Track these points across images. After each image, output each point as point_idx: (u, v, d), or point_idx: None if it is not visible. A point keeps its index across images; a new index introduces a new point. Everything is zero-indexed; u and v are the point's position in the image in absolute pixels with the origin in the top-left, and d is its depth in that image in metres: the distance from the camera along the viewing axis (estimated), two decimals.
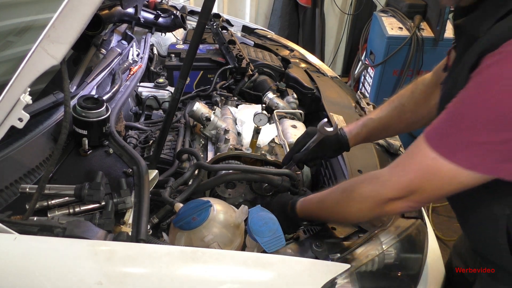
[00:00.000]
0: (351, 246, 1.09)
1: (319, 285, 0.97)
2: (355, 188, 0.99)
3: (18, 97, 0.90)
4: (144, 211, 1.08)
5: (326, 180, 1.54)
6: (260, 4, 4.20)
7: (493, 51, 0.76)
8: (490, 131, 0.76)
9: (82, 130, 1.34)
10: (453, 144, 0.81)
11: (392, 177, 0.92)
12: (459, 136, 0.80)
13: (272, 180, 1.35)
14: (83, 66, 1.68)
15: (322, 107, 1.79)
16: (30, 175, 1.17)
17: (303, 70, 2.13)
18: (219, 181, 1.35)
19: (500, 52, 0.76)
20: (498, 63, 0.76)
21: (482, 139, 0.78)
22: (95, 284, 0.91)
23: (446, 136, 0.82)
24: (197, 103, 1.63)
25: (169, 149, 1.55)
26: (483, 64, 0.78)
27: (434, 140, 0.84)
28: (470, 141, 0.79)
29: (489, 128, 0.77)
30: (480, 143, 0.78)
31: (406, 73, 3.12)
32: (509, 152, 0.77)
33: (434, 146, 0.83)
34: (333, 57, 4.51)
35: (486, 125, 0.77)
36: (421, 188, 0.87)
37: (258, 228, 1.05)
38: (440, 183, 0.84)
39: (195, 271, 0.97)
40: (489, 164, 0.78)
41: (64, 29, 0.88)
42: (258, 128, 1.50)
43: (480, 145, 0.78)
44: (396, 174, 0.91)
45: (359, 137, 1.33)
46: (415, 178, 0.87)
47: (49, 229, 0.98)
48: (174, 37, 2.46)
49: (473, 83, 0.79)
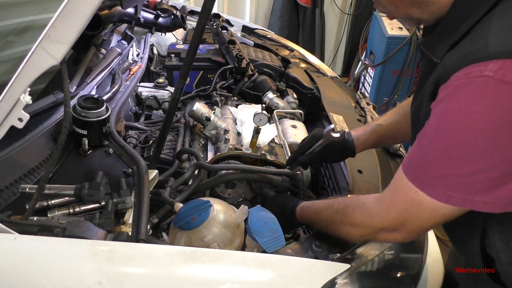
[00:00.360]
0: (351, 246, 1.09)
1: (319, 285, 0.97)
2: (348, 213, 1.00)
3: (18, 97, 0.90)
4: (144, 211, 1.08)
5: (326, 180, 1.54)
6: (260, 4, 4.20)
7: (445, 82, 0.77)
8: (455, 165, 0.77)
9: (82, 130, 1.34)
10: (426, 178, 0.82)
11: (380, 211, 0.92)
12: (430, 170, 0.81)
13: (272, 180, 1.35)
14: (83, 66, 1.68)
15: (322, 107, 1.79)
16: (30, 175, 1.17)
17: (303, 70, 2.13)
18: (219, 181, 1.35)
19: (448, 86, 0.76)
20: (449, 96, 0.76)
21: (449, 172, 0.78)
22: (95, 284, 0.91)
23: (419, 170, 0.83)
24: (197, 103, 1.63)
25: (169, 149, 1.55)
26: (438, 96, 0.79)
27: (410, 174, 0.85)
28: (440, 174, 0.80)
29: (453, 162, 0.77)
30: (448, 176, 0.78)
31: (406, 73, 3.12)
32: (477, 184, 0.76)
33: (411, 179, 0.84)
34: (333, 57, 4.51)
35: (451, 159, 0.77)
36: (409, 221, 0.88)
37: (258, 228, 1.05)
38: (425, 215, 0.85)
39: (195, 271, 0.97)
40: (462, 196, 0.78)
41: (64, 29, 0.88)
42: (258, 128, 1.50)
43: (449, 178, 0.78)
44: (383, 209, 0.92)
45: (366, 144, 1.32)
46: (403, 211, 0.87)
47: (49, 229, 0.98)
48: (174, 37, 2.46)
49: (433, 117, 0.80)
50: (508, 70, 0.69)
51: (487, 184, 0.76)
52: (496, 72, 0.69)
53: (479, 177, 0.76)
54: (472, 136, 0.74)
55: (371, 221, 0.94)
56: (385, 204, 0.91)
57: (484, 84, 0.71)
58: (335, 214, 1.05)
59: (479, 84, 0.71)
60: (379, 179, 1.37)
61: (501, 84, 0.69)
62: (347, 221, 1.00)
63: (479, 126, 0.72)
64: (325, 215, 1.08)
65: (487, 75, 0.70)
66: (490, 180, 0.75)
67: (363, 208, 0.97)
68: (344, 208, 1.02)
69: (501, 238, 0.89)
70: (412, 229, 0.89)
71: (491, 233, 0.90)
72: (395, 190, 0.90)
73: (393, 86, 3.25)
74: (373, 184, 1.35)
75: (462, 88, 0.74)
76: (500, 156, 0.73)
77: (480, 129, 0.72)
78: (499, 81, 0.69)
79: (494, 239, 0.90)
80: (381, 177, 1.38)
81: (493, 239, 0.90)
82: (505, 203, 0.77)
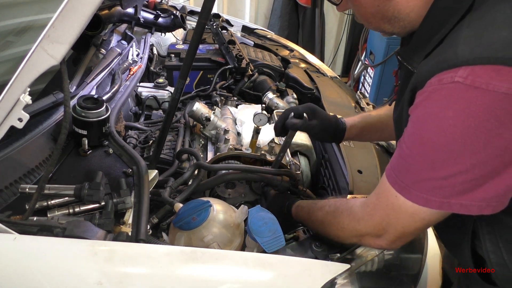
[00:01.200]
0: (350, 246, 1.09)
1: (319, 285, 0.97)
2: (336, 216, 1.02)
3: (18, 97, 0.90)
4: (144, 211, 1.08)
5: (326, 180, 1.54)
6: (260, 4, 4.20)
7: (421, 88, 0.79)
8: (431, 169, 0.79)
9: (82, 130, 1.34)
10: (405, 182, 0.84)
11: (364, 215, 0.94)
12: (409, 174, 0.83)
13: (271, 180, 1.35)
14: (83, 66, 1.68)
15: (322, 107, 1.79)
16: (30, 175, 1.17)
17: (303, 70, 2.13)
18: (219, 181, 1.35)
19: (423, 92, 0.78)
20: (423, 102, 0.78)
21: (425, 176, 0.80)
22: (95, 284, 0.91)
23: (399, 174, 0.85)
24: (197, 103, 1.63)
25: (169, 149, 1.55)
26: (415, 102, 0.81)
27: (391, 177, 0.87)
28: (418, 178, 0.82)
29: (429, 165, 0.79)
30: (425, 180, 0.81)
31: None
32: (453, 187, 0.78)
33: (391, 183, 0.86)
34: (333, 57, 4.51)
35: (427, 163, 0.80)
36: (390, 225, 0.89)
37: (258, 228, 1.06)
38: (406, 219, 0.87)
39: (195, 271, 0.97)
40: (439, 199, 0.80)
41: (64, 29, 0.88)
42: (258, 128, 1.50)
43: (426, 181, 0.81)
44: (367, 213, 0.94)
45: (354, 129, 1.33)
46: (384, 215, 0.89)
47: (49, 229, 0.98)
48: (174, 37, 2.47)
49: (410, 122, 0.83)
50: (476, 76, 0.71)
51: (463, 186, 0.78)
52: (465, 78, 0.72)
53: (454, 180, 0.78)
54: (445, 140, 0.76)
55: (356, 225, 0.96)
56: (369, 209, 0.94)
57: (455, 90, 0.73)
58: (325, 216, 1.07)
59: (450, 90, 0.74)
60: (379, 179, 1.37)
61: (470, 89, 0.72)
62: (335, 223, 1.02)
63: (451, 130, 0.75)
64: (317, 216, 1.10)
65: (458, 81, 0.72)
66: (465, 183, 0.77)
67: (350, 211, 0.99)
68: (334, 211, 1.04)
69: (491, 239, 0.91)
70: (394, 235, 0.91)
71: (481, 234, 0.92)
72: (378, 195, 0.92)
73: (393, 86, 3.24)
74: (373, 184, 1.34)
75: (434, 94, 0.76)
76: (473, 160, 0.75)
77: (453, 134, 0.75)
78: (469, 86, 0.72)
79: (484, 240, 0.91)
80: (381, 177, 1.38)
81: (483, 239, 0.92)
82: (480, 205, 0.79)
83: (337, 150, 1.52)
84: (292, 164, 1.47)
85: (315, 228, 1.14)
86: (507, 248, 0.89)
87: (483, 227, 0.91)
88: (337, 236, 1.04)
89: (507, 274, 0.91)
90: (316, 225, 1.12)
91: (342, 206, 1.03)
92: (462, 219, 0.91)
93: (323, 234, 1.10)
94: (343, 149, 1.47)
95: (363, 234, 0.96)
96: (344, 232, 1.00)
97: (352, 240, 1.01)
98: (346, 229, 0.99)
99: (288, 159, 1.49)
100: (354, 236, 0.99)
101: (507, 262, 0.90)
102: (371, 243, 0.96)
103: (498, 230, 0.89)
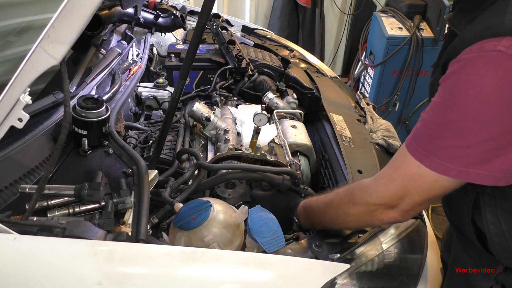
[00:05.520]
0: (350, 246, 1.09)
1: (319, 285, 0.97)
2: (347, 194, 1.02)
3: (18, 97, 0.90)
4: (144, 211, 1.08)
5: (326, 180, 1.54)
6: (260, 4, 4.20)
7: (456, 57, 0.80)
8: (457, 137, 0.80)
9: (82, 130, 1.34)
10: (426, 149, 0.84)
11: (377, 187, 0.94)
12: (432, 142, 0.84)
13: (272, 179, 1.35)
14: (83, 66, 1.68)
15: (322, 107, 1.79)
16: (30, 175, 1.17)
17: (303, 70, 2.13)
18: (219, 180, 1.35)
19: (460, 60, 0.79)
20: (460, 70, 0.79)
21: (450, 144, 0.81)
22: (95, 284, 0.91)
23: (420, 142, 0.85)
24: (197, 103, 1.63)
25: (169, 149, 1.55)
26: (448, 71, 0.82)
27: (411, 146, 0.87)
28: (441, 146, 0.82)
29: (456, 133, 0.80)
30: (449, 148, 0.81)
31: (405, 73, 3.12)
32: (475, 156, 0.79)
33: (412, 152, 0.86)
34: (333, 57, 4.51)
35: (454, 131, 0.80)
36: (407, 195, 0.89)
37: (258, 228, 1.06)
38: (426, 188, 0.87)
39: (195, 271, 0.97)
40: (458, 168, 0.81)
41: (64, 29, 0.88)
42: (258, 128, 1.50)
43: (449, 149, 0.81)
44: (382, 184, 0.93)
45: None
46: (402, 185, 0.89)
47: (48, 229, 0.98)
48: (174, 37, 2.46)
49: (440, 91, 0.83)
50: None
51: (484, 155, 0.79)
52: (508, 47, 0.72)
53: (478, 149, 0.79)
54: (480, 108, 0.76)
55: (368, 198, 0.95)
56: (384, 181, 0.93)
57: (496, 58, 0.74)
58: (335, 196, 1.07)
59: (491, 58, 0.74)
60: None
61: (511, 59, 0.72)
62: (346, 202, 1.02)
63: (487, 98, 0.75)
64: (326, 199, 1.10)
65: (500, 49, 0.73)
66: (487, 152, 0.78)
67: (361, 186, 0.99)
68: (344, 191, 1.05)
69: (491, 211, 0.93)
70: (409, 205, 0.91)
71: (483, 205, 0.94)
72: (396, 166, 0.92)
73: (393, 86, 3.24)
74: None
75: (474, 61, 0.76)
76: (499, 128, 0.76)
77: (488, 101, 0.75)
78: (510, 56, 0.72)
79: (485, 211, 0.94)
80: None
81: (484, 211, 0.94)
82: (496, 176, 0.80)
83: (337, 150, 1.52)
84: (292, 164, 1.47)
85: (321, 214, 1.12)
86: (506, 218, 0.92)
87: (485, 200, 0.93)
88: (345, 214, 1.02)
89: (504, 243, 0.94)
90: (322, 210, 1.10)
91: (353, 185, 1.04)
92: (466, 191, 0.93)
93: (329, 220, 1.08)
94: (343, 149, 1.47)
95: (375, 208, 0.95)
96: (354, 208, 0.99)
97: (362, 217, 1.00)
98: (358, 203, 0.98)
99: (288, 159, 1.49)
100: (365, 211, 0.97)
101: (505, 232, 0.92)
102: (383, 217, 0.95)
103: (499, 203, 0.92)
